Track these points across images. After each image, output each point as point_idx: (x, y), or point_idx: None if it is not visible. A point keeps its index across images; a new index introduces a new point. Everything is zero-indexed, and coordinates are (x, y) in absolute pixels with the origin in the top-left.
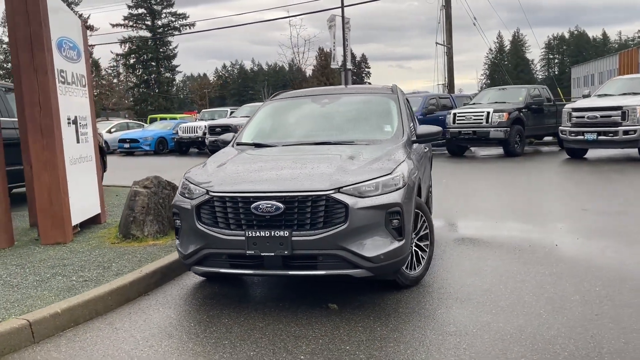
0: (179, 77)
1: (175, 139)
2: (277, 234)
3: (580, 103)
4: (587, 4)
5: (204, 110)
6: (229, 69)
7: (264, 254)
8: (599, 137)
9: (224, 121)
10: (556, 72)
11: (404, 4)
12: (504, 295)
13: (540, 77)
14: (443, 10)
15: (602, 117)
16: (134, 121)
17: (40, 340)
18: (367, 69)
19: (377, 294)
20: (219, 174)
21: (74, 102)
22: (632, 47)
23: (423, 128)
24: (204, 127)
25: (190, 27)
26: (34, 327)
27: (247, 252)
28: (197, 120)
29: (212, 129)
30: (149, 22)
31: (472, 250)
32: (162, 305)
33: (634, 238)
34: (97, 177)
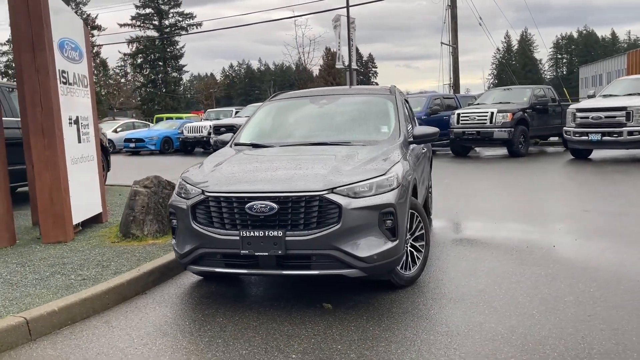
0: (186, 77)
1: (181, 139)
2: (271, 234)
3: (584, 103)
4: (596, 3)
5: (209, 110)
6: (236, 68)
7: (258, 253)
8: (604, 138)
9: (229, 121)
10: (564, 72)
11: (412, 3)
12: (498, 295)
13: (548, 77)
14: (448, 10)
15: (606, 117)
16: (140, 121)
17: (37, 338)
18: (374, 68)
19: (372, 294)
20: (214, 174)
21: (76, 103)
22: None
23: (420, 129)
24: (209, 126)
25: (197, 27)
26: (31, 324)
27: (241, 251)
28: (202, 120)
29: (216, 129)
30: (157, 22)
31: (469, 251)
32: (158, 304)
33: (633, 239)
34: (99, 176)
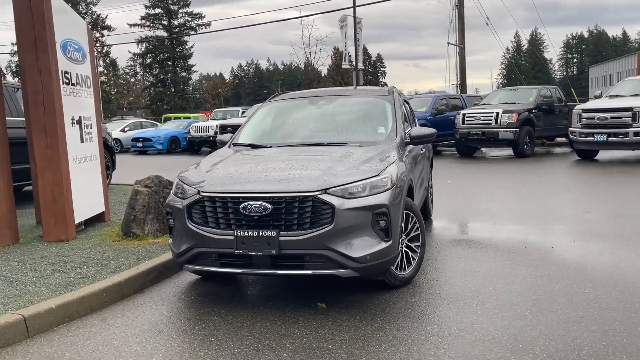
0: (196, 77)
1: (188, 138)
2: (265, 233)
3: (590, 104)
4: (607, 2)
5: (216, 110)
6: (245, 68)
7: (252, 253)
8: (609, 139)
9: (235, 121)
10: (575, 72)
11: (422, 2)
12: (492, 296)
13: (558, 77)
14: (456, 10)
15: (612, 118)
16: (147, 120)
17: (34, 335)
18: (383, 68)
19: (367, 294)
20: (210, 174)
21: (79, 103)
22: None
23: (417, 130)
24: (216, 126)
25: (206, 27)
26: (28, 322)
27: (235, 251)
28: (209, 120)
29: (223, 129)
30: (166, 22)
31: (467, 251)
32: (155, 303)
33: (633, 241)
34: (102, 175)
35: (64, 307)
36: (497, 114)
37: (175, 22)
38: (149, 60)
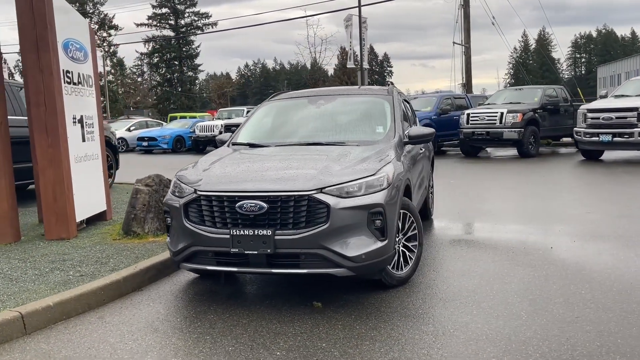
0: (203, 76)
1: (193, 138)
2: (261, 232)
3: (595, 104)
4: (616, 2)
5: (221, 109)
6: (251, 67)
7: (248, 252)
8: (614, 139)
9: (240, 120)
10: (583, 72)
11: (429, 2)
12: (489, 296)
13: (566, 76)
14: (461, 9)
15: (617, 118)
16: (153, 120)
17: (31, 332)
18: (390, 68)
19: (363, 293)
20: (207, 173)
21: (80, 102)
22: None
23: (415, 130)
24: (220, 126)
25: (212, 27)
26: (26, 319)
27: (231, 250)
28: (214, 119)
29: (227, 128)
30: (173, 22)
31: (466, 251)
32: (152, 301)
33: (632, 241)
34: (104, 174)
35: (62, 304)
36: (502, 113)
37: (182, 22)
38: (155, 60)
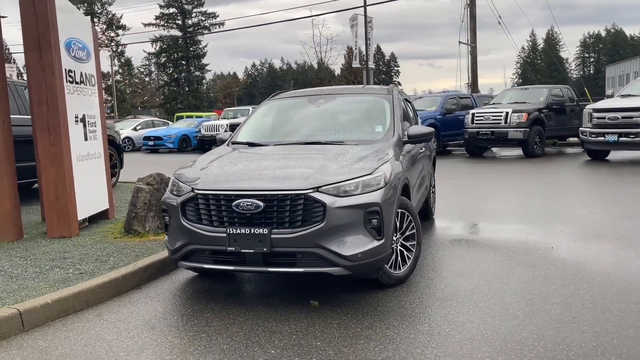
0: (210, 76)
1: (198, 137)
2: (257, 231)
3: (601, 103)
4: (625, 0)
5: (227, 109)
6: (258, 67)
7: (244, 250)
8: (620, 139)
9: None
10: (592, 72)
11: (435, 1)
12: (486, 296)
13: (575, 76)
14: (467, 8)
15: (623, 118)
16: (159, 119)
17: (29, 329)
18: (397, 67)
19: (360, 292)
20: (205, 172)
21: (83, 101)
22: None
23: (414, 129)
24: (226, 125)
25: (219, 27)
26: (24, 316)
27: (228, 248)
28: (220, 119)
29: (233, 128)
30: (180, 22)
31: (466, 251)
32: (150, 299)
33: (634, 242)
34: (106, 173)
35: (60, 302)
36: (507, 113)
37: (189, 22)
38: (163, 60)
